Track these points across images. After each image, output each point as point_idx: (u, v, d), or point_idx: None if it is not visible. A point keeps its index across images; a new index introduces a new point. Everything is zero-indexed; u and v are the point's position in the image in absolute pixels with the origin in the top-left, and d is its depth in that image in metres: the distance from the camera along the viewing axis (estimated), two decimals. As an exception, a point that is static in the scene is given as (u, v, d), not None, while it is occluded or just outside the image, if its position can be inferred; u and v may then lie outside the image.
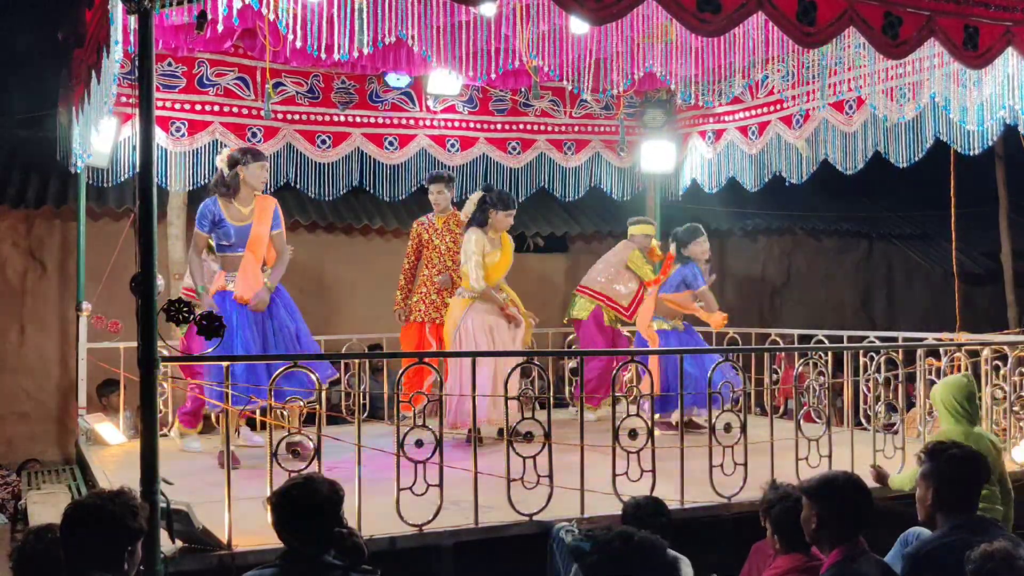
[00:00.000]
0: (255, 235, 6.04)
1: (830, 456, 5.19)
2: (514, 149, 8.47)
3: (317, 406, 4.38)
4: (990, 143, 6.32)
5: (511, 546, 4.45)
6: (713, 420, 5.02)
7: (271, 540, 3.48)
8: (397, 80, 7.79)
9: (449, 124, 8.24)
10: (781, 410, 8.02)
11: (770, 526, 3.80)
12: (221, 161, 6.13)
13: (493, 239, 6.71)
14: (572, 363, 8.22)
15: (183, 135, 7.30)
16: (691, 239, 7.30)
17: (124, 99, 6.63)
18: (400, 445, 4.30)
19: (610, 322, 8.07)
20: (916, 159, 6.86)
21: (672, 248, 7.40)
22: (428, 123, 8.15)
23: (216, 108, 7.39)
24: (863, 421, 6.67)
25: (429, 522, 4.33)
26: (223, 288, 6.02)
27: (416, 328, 7.40)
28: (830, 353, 6.61)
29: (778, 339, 8.06)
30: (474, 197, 6.78)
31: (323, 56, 5.41)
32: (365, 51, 5.31)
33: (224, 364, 4.49)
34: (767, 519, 3.81)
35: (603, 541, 2.96)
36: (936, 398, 4.98)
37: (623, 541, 2.77)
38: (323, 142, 7.79)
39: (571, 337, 8.43)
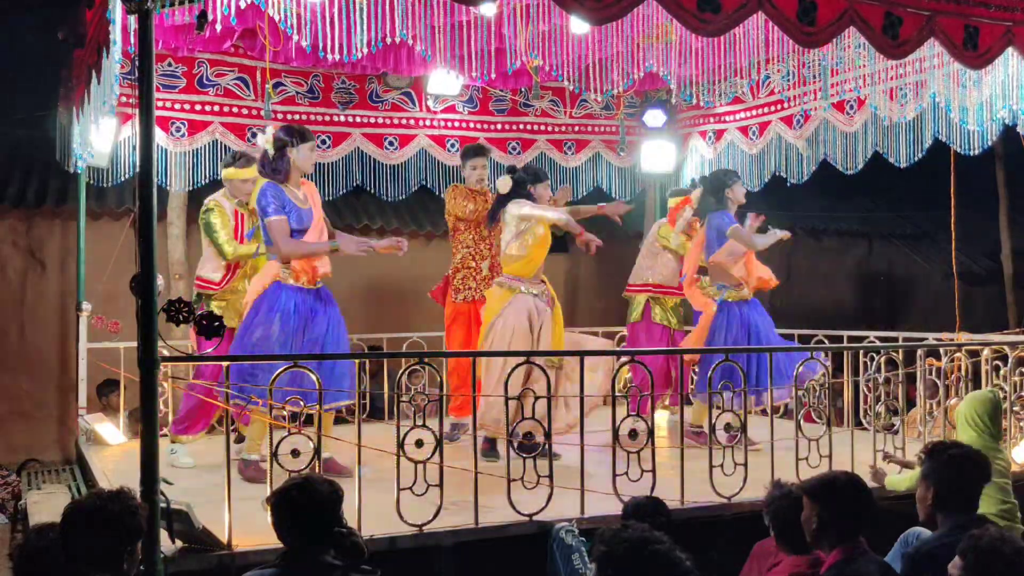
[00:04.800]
0: (317, 219, 5.69)
1: (830, 456, 5.18)
2: (514, 149, 8.46)
3: (317, 406, 4.37)
4: (990, 143, 6.32)
5: (511, 546, 4.44)
6: (713, 420, 5.03)
7: (271, 540, 3.48)
8: (398, 80, 7.79)
9: (449, 124, 8.22)
10: (781, 410, 8.01)
11: (773, 530, 3.80)
12: (267, 142, 5.64)
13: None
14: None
15: (183, 135, 7.28)
16: (726, 184, 6.72)
17: (124, 99, 6.62)
18: (400, 445, 4.30)
19: (663, 319, 7.33)
20: (916, 159, 6.86)
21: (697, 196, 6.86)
22: (428, 123, 8.13)
23: (216, 108, 7.37)
24: (863, 421, 6.67)
25: (429, 522, 4.33)
26: (280, 279, 5.61)
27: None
28: (830, 353, 6.61)
29: (778, 339, 8.04)
30: (502, 184, 6.23)
31: (330, 56, 5.38)
32: (365, 51, 5.31)
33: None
34: (769, 520, 3.81)
35: (616, 540, 2.91)
36: (959, 410, 4.93)
37: (635, 547, 2.78)
38: (323, 142, 7.78)
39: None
